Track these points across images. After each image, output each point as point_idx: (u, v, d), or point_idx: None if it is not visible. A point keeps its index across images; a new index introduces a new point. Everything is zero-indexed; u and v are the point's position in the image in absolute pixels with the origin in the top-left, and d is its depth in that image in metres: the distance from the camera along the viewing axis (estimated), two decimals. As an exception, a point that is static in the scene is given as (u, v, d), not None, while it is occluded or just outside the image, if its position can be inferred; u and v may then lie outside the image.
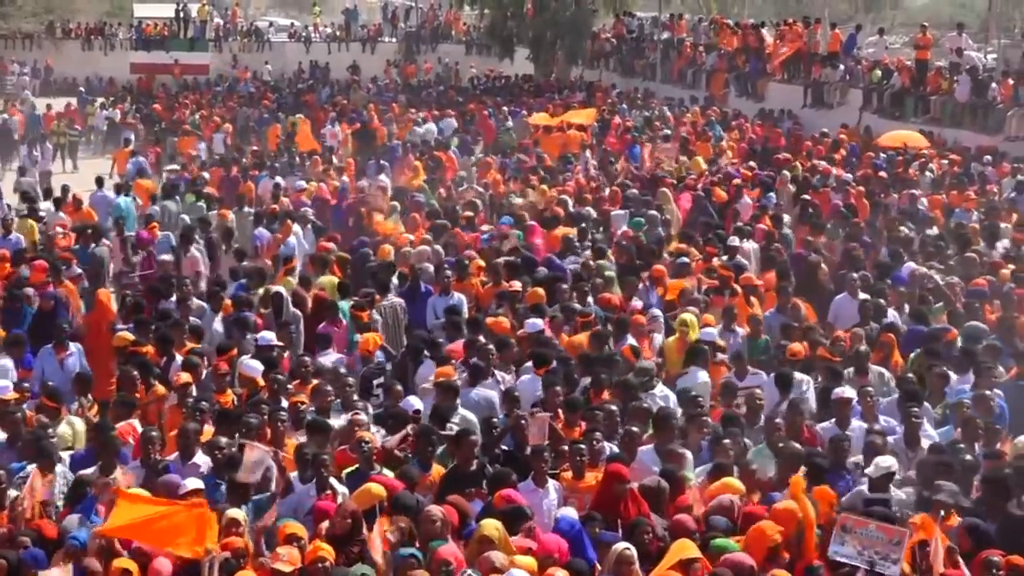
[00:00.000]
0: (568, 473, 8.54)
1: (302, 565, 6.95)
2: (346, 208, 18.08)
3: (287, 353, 11.49)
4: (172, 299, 12.73)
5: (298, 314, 12.55)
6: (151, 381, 10.27)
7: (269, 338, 11.26)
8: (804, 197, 18.09)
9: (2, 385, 9.72)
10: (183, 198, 19.08)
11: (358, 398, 9.93)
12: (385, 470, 8.44)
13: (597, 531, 7.57)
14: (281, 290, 12.87)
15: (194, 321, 12.05)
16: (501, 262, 13.77)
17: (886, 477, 8.23)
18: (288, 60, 44.82)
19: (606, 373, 10.32)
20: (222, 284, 13.26)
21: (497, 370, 10.59)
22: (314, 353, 11.34)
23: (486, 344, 10.84)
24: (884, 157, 22.10)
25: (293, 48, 46.68)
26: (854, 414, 9.67)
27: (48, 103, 34.33)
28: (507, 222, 16.22)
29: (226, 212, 17.50)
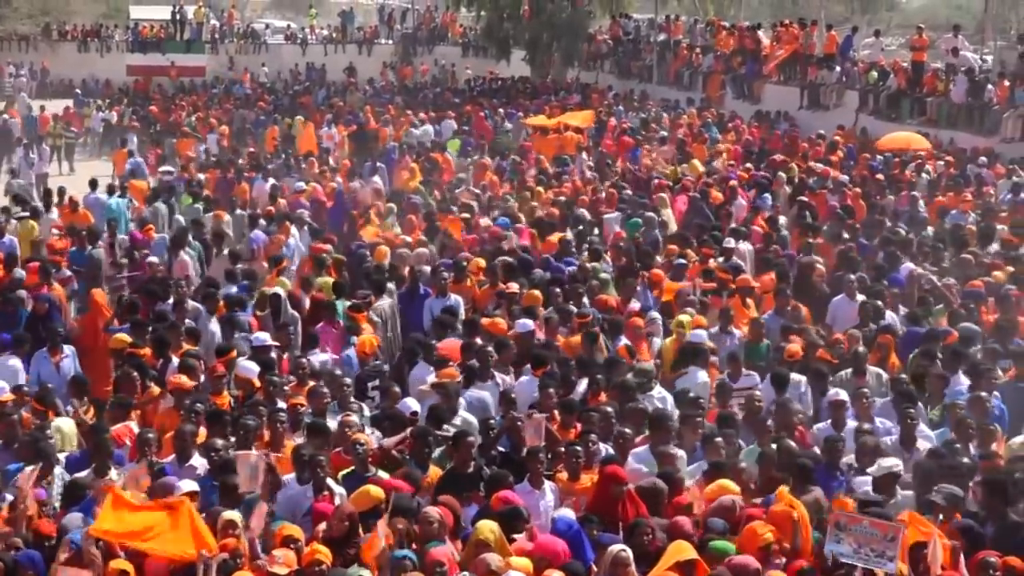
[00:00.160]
0: (563, 474, 8.53)
1: (299, 567, 6.93)
2: (334, 209, 18.10)
3: (286, 354, 11.47)
4: (168, 301, 12.70)
5: (296, 315, 12.56)
6: (147, 383, 10.25)
7: (264, 339, 11.23)
8: (800, 199, 18.10)
9: (0, 386, 9.70)
10: (180, 200, 19.06)
11: (354, 400, 9.91)
12: (380, 472, 8.42)
13: (596, 533, 7.55)
14: (280, 291, 12.85)
15: (189, 323, 12.04)
16: (499, 264, 13.77)
17: (891, 477, 8.22)
18: (284, 62, 44.80)
19: (605, 375, 10.30)
20: (216, 286, 13.26)
21: (496, 371, 10.57)
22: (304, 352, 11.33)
23: (485, 346, 10.83)
24: (880, 159, 22.11)
25: (289, 50, 46.64)
26: (849, 415, 9.66)
27: (42, 104, 34.29)
28: (503, 223, 16.22)
29: (221, 213, 17.49)
